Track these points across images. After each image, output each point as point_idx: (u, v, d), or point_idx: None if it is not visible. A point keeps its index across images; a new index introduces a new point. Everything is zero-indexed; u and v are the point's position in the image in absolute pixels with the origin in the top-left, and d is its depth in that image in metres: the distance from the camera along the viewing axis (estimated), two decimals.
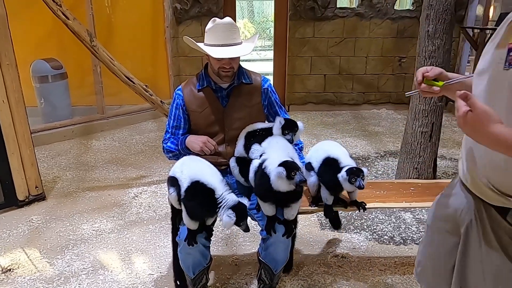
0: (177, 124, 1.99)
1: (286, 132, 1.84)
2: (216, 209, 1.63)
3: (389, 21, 5.58)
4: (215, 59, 1.86)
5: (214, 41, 1.85)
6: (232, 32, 1.85)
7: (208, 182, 1.64)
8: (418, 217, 2.96)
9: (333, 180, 1.88)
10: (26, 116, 3.06)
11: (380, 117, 5.68)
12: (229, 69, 1.88)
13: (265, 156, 1.72)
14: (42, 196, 3.24)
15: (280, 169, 1.57)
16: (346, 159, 1.89)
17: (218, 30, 1.84)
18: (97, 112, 4.99)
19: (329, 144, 2.05)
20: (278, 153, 1.70)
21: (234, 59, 1.87)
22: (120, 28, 5.36)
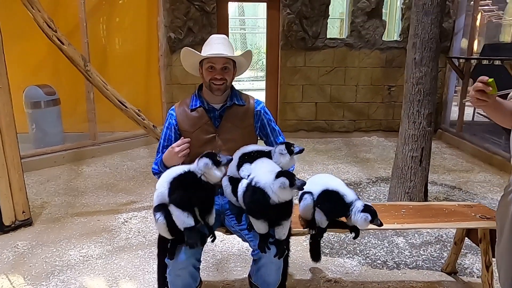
0: (167, 144, 1.99)
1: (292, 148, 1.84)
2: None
3: (378, 51, 5.75)
4: (207, 70, 1.90)
5: (208, 51, 1.90)
6: (226, 46, 1.92)
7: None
8: (411, 241, 2.94)
9: (336, 210, 1.90)
10: (17, 140, 3.04)
11: (371, 144, 5.73)
12: (221, 80, 1.91)
13: (252, 175, 1.72)
14: (29, 221, 3.17)
15: (282, 179, 1.58)
16: (346, 190, 1.92)
17: (213, 42, 1.93)
18: (89, 138, 4.97)
19: (323, 177, 2.07)
20: (265, 170, 1.71)
21: (226, 72, 1.91)
22: (115, 56, 5.45)
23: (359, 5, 5.58)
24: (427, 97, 3.16)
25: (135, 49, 5.45)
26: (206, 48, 1.94)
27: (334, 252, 2.81)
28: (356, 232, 2.02)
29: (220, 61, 1.90)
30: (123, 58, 5.44)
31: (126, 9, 5.41)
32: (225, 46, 1.93)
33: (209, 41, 1.96)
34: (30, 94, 4.60)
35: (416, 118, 3.21)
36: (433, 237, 3.00)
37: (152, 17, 5.40)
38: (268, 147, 1.97)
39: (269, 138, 2.11)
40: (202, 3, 5.40)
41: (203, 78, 1.96)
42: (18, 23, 4.37)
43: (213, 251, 2.82)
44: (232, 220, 1.93)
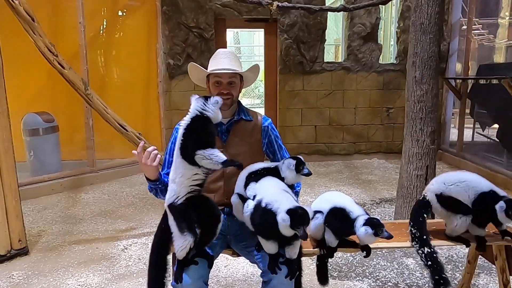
0: (172, 159, 1.93)
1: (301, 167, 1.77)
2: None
3: (375, 74, 5.81)
4: (214, 84, 1.88)
5: (214, 66, 1.89)
6: (233, 60, 1.91)
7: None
8: (421, 262, 2.83)
9: (342, 228, 1.83)
10: (15, 166, 2.98)
11: (372, 166, 5.69)
12: (227, 95, 1.88)
13: (259, 196, 1.66)
14: (25, 250, 3.06)
15: (285, 218, 1.48)
16: (353, 207, 1.85)
17: (219, 56, 1.91)
18: (88, 165, 4.91)
19: (332, 194, 2.00)
20: (275, 190, 1.64)
21: (232, 86, 1.89)
22: (114, 82, 5.48)
23: (354, 30, 5.68)
24: (429, 114, 3.15)
25: (134, 75, 5.49)
26: (212, 62, 1.93)
27: (343, 275, 2.71)
28: (367, 251, 1.94)
29: (226, 76, 1.88)
30: (122, 84, 5.47)
31: (126, 36, 5.48)
32: (232, 61, 1.91)
33: (215, 55, 1.95)
34: (28, 121, 4.57)
35: (419, 136, 3.19)
36: (443, 257, 2.91)
37: (151, 44, 5.46)
38: (274, 163, 1.91)
39: (276, 155, 2.06)
40: (200, 30, 5.48)
41: (210, 92, 1.94)
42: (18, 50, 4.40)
43: (217, 277, 2.72)
44: (239, 241, 1.86)
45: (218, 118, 1.66)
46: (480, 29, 8.16)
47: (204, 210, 1.61)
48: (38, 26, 2.89)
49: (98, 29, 5.31)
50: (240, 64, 1.95)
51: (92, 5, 4.91)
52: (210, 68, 1.91)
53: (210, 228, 1.62)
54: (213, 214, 1.64)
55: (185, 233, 1.55)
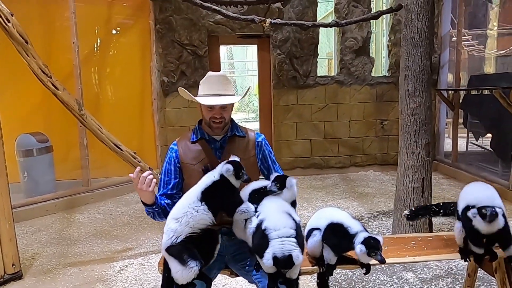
0: (167, 179, 1.92)
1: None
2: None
3: (368, 87, 5.86)
4: (206, 109, 1.88)
5: (206, 91, 1.89)
6: (224, 84, 1.91)
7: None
8: (420, 276, 2.83)
9: (341, 244, 1.81)
10: (8, 189, 2.94)
11: (368, 179, 5.69)
12: (220, 119, 1.88)
13: (262, 216, 1.65)
14: (19, 274, 3.00)
15: (269, 259, 1.52)
16: (351, 222, 1.84)
17: (211, 81, 1.90)
18: (82, 185, 4.86)
19: (328, 210, 1.99)
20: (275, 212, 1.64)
21: (225, 110, 1.89)
22: (108, 100, 5.48)
23: (346, 44, 5.75)
24: (423, 127, 3.17)
25: (128, 93, 5.49)
26: (203, 87, 1.92)
27: None
28: (367, 268, 1.92)
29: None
30: (116, 102, 5.47)
31: (120, 55, 5.50)
32: (223, 85, 1.90)
33: (206, 80, 1.93)
34: (22, 142, 4.54)
35: (414, 149, 3.20)
36: (443, 271, 2.89)
37: (145, 62, 5.49)
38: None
39: (270, 171, 2.05)
40: (194, 47, 5.52)
41: (203, 115, 1.94)
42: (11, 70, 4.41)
43: None
44: (237, 260, 1.83)
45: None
46: (470, 40, 8.29)
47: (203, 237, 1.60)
48: (32, 48, 2.90)
49: (92, 48, 5.33)
50: (231, 86, 1.95)
51: (86, 24, 4.94)
52: (201, 92, 1.91)
53: (208, 250, 1.60)
54: (211, 237, 1.62)
55: (189, 262, 1.53)
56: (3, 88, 4.65)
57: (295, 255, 1.52)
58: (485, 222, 1.75)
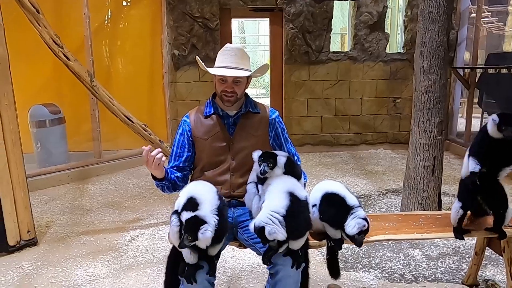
0: (180, 151, 1.94)
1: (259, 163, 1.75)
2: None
3: (382, 64, 5.75)
4: (219, 81, 1.87)
5: (220, 62, 1.87)
6: (240, 57, 1.88)
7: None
8: (427, 253, 2.85)
9: (337, 216, 1.81)
10: (22, 158, 3.00)
11: (378, 157, 5.66)
12: (231, 93, 1.87)
13: (265, 196, 1.66)
14: (34, 241, 3.10)
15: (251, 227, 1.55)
16: (347, 192, 1.84)
17: (227, 53, 1.88)
18: (94, 156, 4.93)
19: (324, 183, 1.99)
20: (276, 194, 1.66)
21: (237, 85, 1.87)
22: (119, 74, 5.47)
23: (361, 19, 5.60)
24: (437, 105, 3.11)
25: (139, 66, 5.47)
26: (219, 58, 1.90)
27: (349, 266, 2.71)
28: (338, 245, 1.93)
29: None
30: (127, 75, 5.46)
31: (131, 27, 5.45)
32: (239, 59, 1.88)
33: (223, 51, 1.91)
34: (35, 113, 4.59)
35: (426, 127, 3.15)
36: (450, 249, 2.90)
37: (156, 35, 5.43)
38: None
39: (282, 148, 2.05)
40: (205, 20, 5.44)
41: (215, 87, 1.93)
42: (24, 42, 4.40)
43: (224, 268, 2.73)
44: (245, 233, 1.86)
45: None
46: (490, 17, 8.01)
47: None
48: (43, 18, 2.88)
49: (103, 20, 5.29)
50: (248, 61, 1.92)
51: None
52: (217, 64, 1.89)
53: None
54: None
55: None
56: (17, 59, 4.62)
57: (268, 229, 1.52)
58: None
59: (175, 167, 1.93)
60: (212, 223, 1.45)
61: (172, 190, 1.90)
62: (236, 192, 1.91)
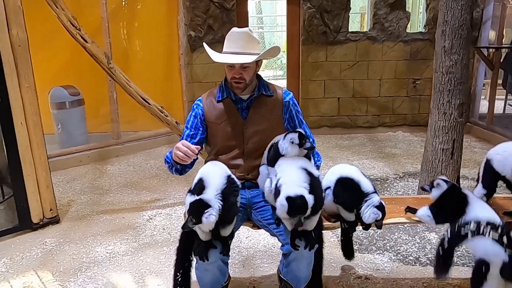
0: (193, 133, 1.95)
1: (303, 142, 1.75)
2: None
3: (402, 44, 5.59)
4: (227, 67, 1.86)
5: (227, 48, 1.85)
6: (247, 41, 1.85)
7: None
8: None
9: (351, 201, 1.82)
10: (43, 139, 3.08)
11: (396, 139, 5.58)
12: (239, 79, 1.86)
13: (279, 175, 1.66)
14: (57, 219, 3.21)
15: (284, 204, 1.53)
16: (361, 177, 1.83)
17: (233, 38, 1.85)
18: (113, 138, 5.02)
19: (339, 167, 1.99)
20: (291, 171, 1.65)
21: (245, 70, 1.85)
22: (136, 55, 5.50)
23: None
24: (458, 86, 3.03)
25: (156, 48, 5.48)
26: (226, 44, 1.88)
27: (364, 248, 2.72)
28: (352, 227, 1.94)
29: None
30: (144, 57, 5.48)
31: (147, 9, 5.44)
32: (245, 43, 1.84)
33: (229, 36, 1.88)
34: (55, 95, 4.68)
35: (446, 109, 3.08)
36: None
37: (172, 16, 5.41)
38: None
39: None
40: (221, 0, 5.37)
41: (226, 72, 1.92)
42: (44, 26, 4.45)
43: (239, 248, 2.78)
44: (260, 214, 1.88)
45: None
46: None
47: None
48: (61, 0, 2.90)
49: (119, 1, 5.29)
50: (256, 44, 1.88)
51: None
52: (224, 49, 1.87)
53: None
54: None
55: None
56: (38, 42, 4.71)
57: (307, 196, 1.53)
58: None
59: None
60: (217, 208, 1.47)
61: (178, 174, 1.93)
62: (250, 175, 1.92)
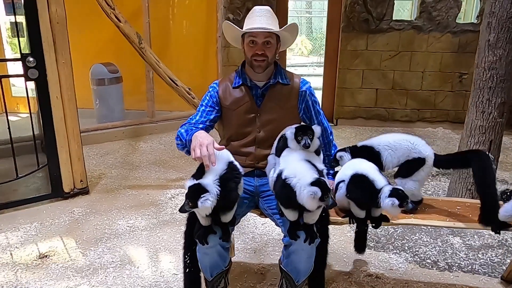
0: (209, 109, 1.89)
1: (299, 138, 1.66)
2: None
3: (450, 35, 5.25)
4: (248, 45, 1.83)
5: (249, 25, 1.83)
6: (269, 18, 1.82)
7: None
8: (468, 242, 2.67)
9: (364, 198, 1.76)
10: (77, 113, 3.22)
11: (435, 136, 5.31)
12: (262, 56, 1.82)
13: (283, 166, 1.62)
14: (86, 190, 3.38)
15: (315, 190, 1.44)
16: (376, 175, 1.75)
17: (255, 15, 1.84)
18: (147, 116, 5.17)
19: (355, 161, 1.91)
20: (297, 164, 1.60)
21: (268, 47, 1.82)
22: (174, 36, 5.58)
23: None
24: (501, 84, 2.81)
25: (194, 30, 5.54)
26: (248, 21, 1.86)
27: (380, 246, 2.64)
28: (377, 223, 1.86)
29: (262, 35, 1.81)
30: (182, 38, 5.55)
31: None
32: (268, 19, 1.83)
33: (251, 14, 1.87)
34: (95, 72, 4.87)
35: (485, 108, 2.88)
36: (495, 240, 2.70)
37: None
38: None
39: (313, 121, 1.99)
40: None
41: (245, 53, 1.90)
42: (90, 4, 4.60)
43: (253, 234, 2.80)
44: (266, 203, 1.87)
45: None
46: None
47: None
48: None
49: None
50: (277, 23, 1.86)
51: None
52: (246, 27, 1.84)
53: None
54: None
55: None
56: (82, 20, 4.91)
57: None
58: None
59: (200, 123, 1.89)
60: (214, 193, 1.47)
61: (188, 154, 1.88)
62: (260, 163, 1.90)
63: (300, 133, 1.66)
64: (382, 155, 1.92)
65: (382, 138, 1.99)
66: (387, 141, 1.95)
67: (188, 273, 1.84)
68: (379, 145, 1.94)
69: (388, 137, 1.98)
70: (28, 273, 2.34)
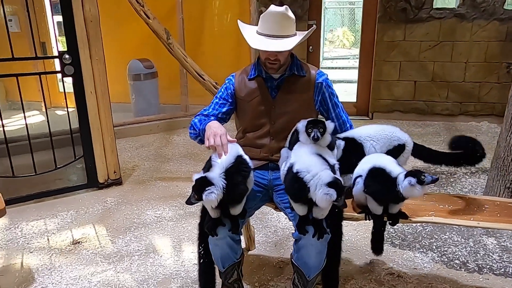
0: (222, 102, 1.92)
1: (309, 130, 1.63)
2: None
3: (497, 23, 4.91)
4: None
5: (262, 29, 1.81)
6: (282, 24, 1.76)
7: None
8: (504, 244, 2.52)
9: (381, 191, 1.70)
10: (110, 107, 3.37)
11: (479, 131, 5.01)
12: (274, 61, 1.81)
13: (292, 160, 1.61)
14: (119, 181, 3.53)
15: (331, 192, 1.43)
16: (394, 166, 1.69)
17: (268, 20, 1.78)
18: (181, 110, 5.30)
19: (374, 155, 1.85)
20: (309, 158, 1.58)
21: (281, 53, 1.80)
22: (207, 31, 5.64)
23: None
24: None
25: (227, 23, 5.57)
26: (261, 25, 1.82)
27: (406, 244, 2.55)
28: (394, 220, 1.79)
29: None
30: (215, 33, 5.60)
31: None
32: (282, 27, 1.76)
33: (264, 16, 1.80)
34: (132, 67, 5.06)
35: None
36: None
37: None
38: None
39: (330, 113, 1.95)
40: None
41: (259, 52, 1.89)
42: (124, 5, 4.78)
43: (275, 227, 2.80)
44: (279, 196, 1.87)
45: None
46: None
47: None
48: None
49: None
50: (292, 25, 1.79)
51: None
52: (260, 30, 1.82)
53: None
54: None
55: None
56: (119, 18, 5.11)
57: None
58: None
59: (212, 115, 1.92)
60: (220, 186, 1.48)
61: (201, 143, 1.90)
62: (275, 156, 1.90)
63: (310, 125, 1.63)
64: (365, 146, 1.89)
65: (362, 129, 1.95)
66: (368, 132, 1.92)
67: (202, 264, 1.88)
68: (361, 137, 1.91)
69: (368, 129, 1.95)
70: (62, 257, 2.49)
